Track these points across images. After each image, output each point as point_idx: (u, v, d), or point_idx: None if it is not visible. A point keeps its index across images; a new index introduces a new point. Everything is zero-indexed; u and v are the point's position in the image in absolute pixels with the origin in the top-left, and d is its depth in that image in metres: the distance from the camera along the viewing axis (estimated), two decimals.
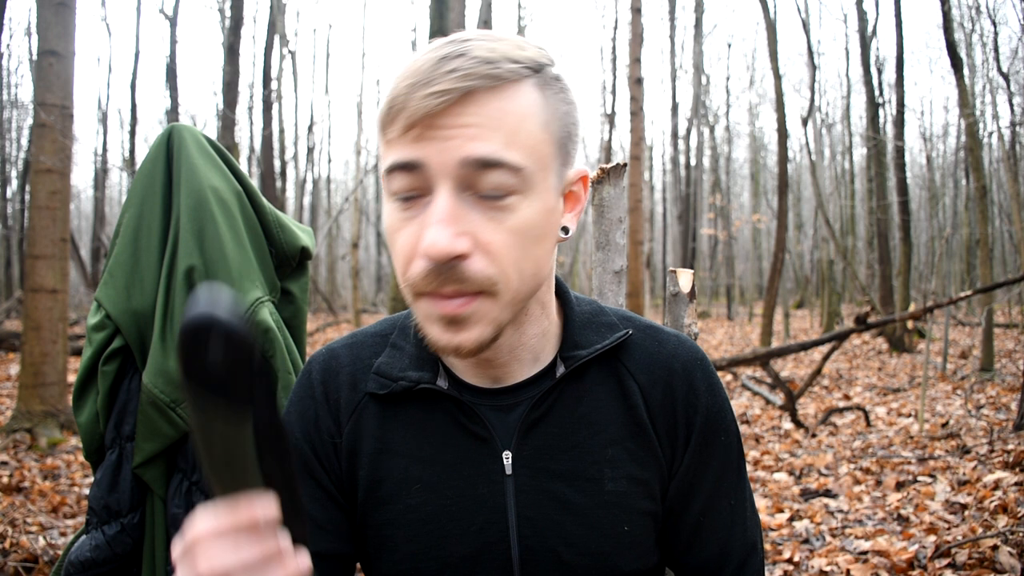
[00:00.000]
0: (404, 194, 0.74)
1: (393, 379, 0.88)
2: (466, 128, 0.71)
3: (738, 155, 36.22)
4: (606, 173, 1.46)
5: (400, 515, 0.86)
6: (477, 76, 0.71)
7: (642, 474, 0.87)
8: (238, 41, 11.94)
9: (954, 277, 25.14)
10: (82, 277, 16.41)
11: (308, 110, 39.14)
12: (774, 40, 13.08)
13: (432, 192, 0.73)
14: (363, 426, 0.90)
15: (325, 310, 21.98)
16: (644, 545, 0.88)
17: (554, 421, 0.87)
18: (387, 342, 0.94)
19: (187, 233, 1.25)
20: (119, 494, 1.23)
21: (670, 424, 0.89)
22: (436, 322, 0.75)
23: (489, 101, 0.72)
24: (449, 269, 0.72)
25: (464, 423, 0.86)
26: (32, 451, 5.15)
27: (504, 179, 0.72)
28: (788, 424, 6.68)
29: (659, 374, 0.90)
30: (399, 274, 0.77)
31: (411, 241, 0.74)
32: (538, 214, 0.76)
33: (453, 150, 0.71)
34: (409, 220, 0.75)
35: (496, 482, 0.85)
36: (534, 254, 0.77)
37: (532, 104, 0.75)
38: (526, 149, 0.74)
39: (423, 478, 0.86)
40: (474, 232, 0.72)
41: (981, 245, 11.62)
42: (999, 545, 3.06)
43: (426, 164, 0.72)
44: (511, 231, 0.74)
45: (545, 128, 0.76)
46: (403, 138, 0.72)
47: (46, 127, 5.48)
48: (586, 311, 0.93)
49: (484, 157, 0.71)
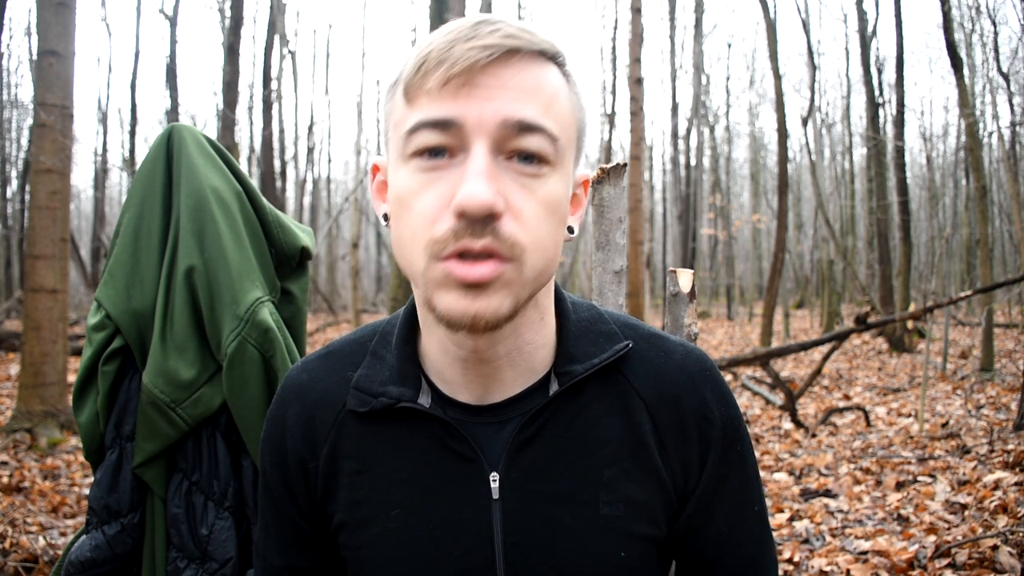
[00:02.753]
0: (431, 150, 0.70)
1: (373, 395, 0.83)
2: (506, 89, 0.69)
3: (738, 155, 36.23)
4: (606, 173, 1.46)
5: (378, 539, 0.82)
6: (519, 38, 0.70)
7: (641, 496, 0.82)
8: (238, 41, 11.94)
9: (954, 277, 25.13)
10: (82, 277, 16.41)
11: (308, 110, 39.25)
12: (774, 40, 13.08)
13: (466, 150, 0.70)
14: (342, 445, 0.85)
15: (325, 310, 21.98)
16: (643, 571, 0.83)
17: (547, 440, 0.81)
18: (366, 350, 0.88)
19: (187, 233, 1.25)
20: (119, 494, 1.23)
21: (681, 442, 0.84)
22: (454, 288, 0.69)
23: (528, 67, 0.71)
24: (483, 225, 0.68)
25: (448, 443, 0.81)
26: (32, 451, 5.15)
27: (541, 145, 0.71)
28: (788, 424, 6.68)
29: (667, 390, 0.84)
30: (415, 238, 0.71)
31: (437, 201, 0.70)
32: (563, 192, 0.75)
33: (495, 109, 0.69)
34: (434, 180, 0.70)
35: (482, 506, 0.80)
36: (554, 235, 0.74)
37: (561, 84, 0.75)
38: (559, 123, 0.73)
39: (403, 500, 0.82)
40: (507, 195, 0.70)
41: (981, 245, 11.62)
42: (999, 545, 3.06)
43: (463, 122, 0.69)
44: (540, 202, 0.71)
45: (572, 112, 0.76)
46: (440, 92, 0.69)
47: (46, 127, 5.48)
48: (584, 318, 0.87)
49: (526, 120, 0.69)
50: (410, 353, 0.85)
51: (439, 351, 0.82)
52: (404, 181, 0.73)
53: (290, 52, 20.47)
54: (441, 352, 0.82)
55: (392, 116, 0.76)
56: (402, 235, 0.73)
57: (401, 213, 0.73)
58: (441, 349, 0.81)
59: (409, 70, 0.72)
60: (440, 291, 0.70)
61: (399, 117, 0.74)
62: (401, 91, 0.74)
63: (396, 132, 0.74)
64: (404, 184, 0.72)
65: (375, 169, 0.84)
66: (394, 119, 0.75)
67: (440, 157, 0.70)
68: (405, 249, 0.73)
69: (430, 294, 0.71)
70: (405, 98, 0.73)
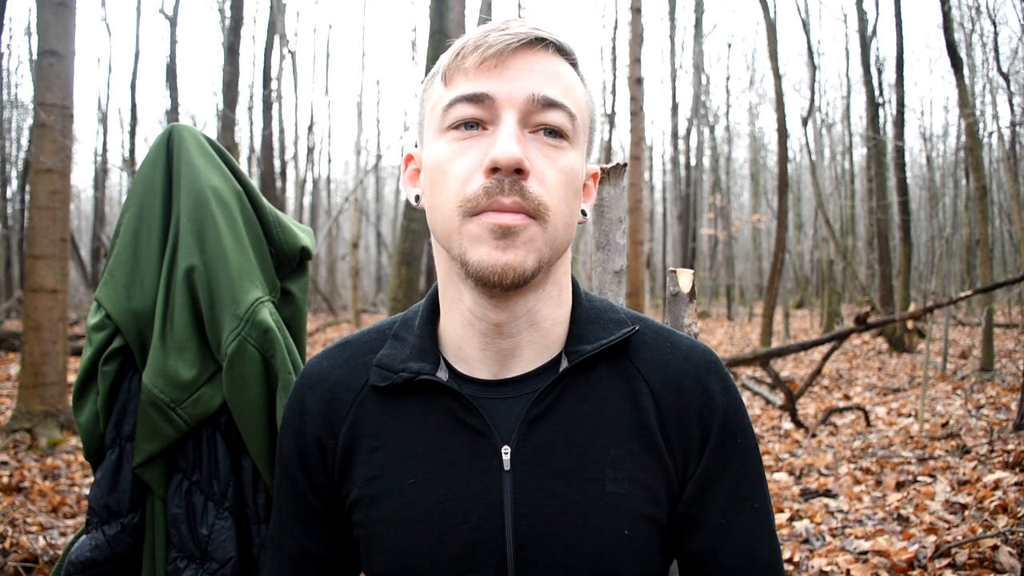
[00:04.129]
0: (465, 121, 0.80)
1: (394, 370, 0.88)
2: (533, 72, 0.81)
3: (738, 155, 36.25)
4: (606, 173, 1.46)
5: (392, 513, 0.85)
6: (546, 32, 0.83)
7: (645, 478, 0.85)
8: (238, 41, 11.94)
9: (954, 277, 25.13)
10: (82, 277, 16.41)
11: (308, 110, 39.19)
12: (774, 40, 13.08)
13: (496, 122, 0.80)
14: (361, 423, 0.89)
15: (325, 310, 21.97)
16: (646, 551, 0.85)
17: (558, 417, 0.85)
18: (386, 337, 0.94)
19: (187, 233, 1.25)
20: (119, 494, 1.23)
21: (683, 427, 0.87)
22: (487, 240, 0.78)
23: (550, 59, 0.83)
24: (512, 183, 0.77)
25: (462, 417, 0.85)
26: (32, 451, 5.15)
27: (563, 121, 0.81)
28: (788, 424, 6.68)
29: (671, 376, 0.88)
30: (449, 198, 0.80)
31: (470, 164, 0.79)
32: (579, 167, 0.84)
33: (523, 86, 0.80)
34: (467, 148, 0.80)
35: (493, 477, 0.84)
36: (572, 204, 0.83)
37: (578, 81, 0.86)
38: (577, 106, 0.84)
39: (418, 474, 0.85)
40: (532, 160, 0.79)
41: (981, 245, 11.62)
42: (999, 545, 3.05)
43: (495, 96, 0.79)
44: (561, 170, 0.81)
45: (587, 105, 0.87)
46: (476, 71, 0.80)
47: (46, 127, 5.48)
48: (596, 307, 0.93)
49: (550, 96, 0.80)
50: (431, 333, 0.91)
51: (462, 325, 0.87)
52: (441, 150, 0.82)
53: (290, 52, 20.48)
54: (463, 326, 0.87)
55: (429, 101, 0.86)
56: (436, 199, 0.82)
57: (436, 178, 0.82)
58: (464, 323, 0.87)
59: (448, 57, 0.83)
60: (474, 245, 0.78)
61: (436, 98, 0.84)
62: (440, 78, 0.84)
63: (433, 112, 0.84)
64: (440, 152, 0.82)
65: (408, 158, 0.92)
66: (431, 102, 0.85)
67: (474, 128, 0.81)
68: (440, 211, 0.82)
69: (464, 249, 0.79)
70: (443, 81, 0.83)
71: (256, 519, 1.23)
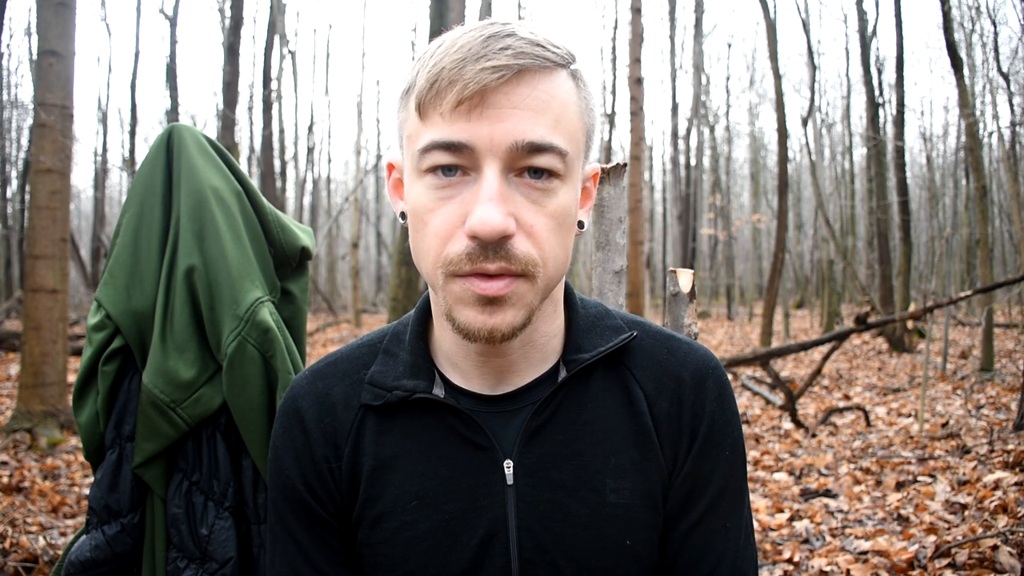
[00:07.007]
0: (443, 167, 0.73)
1: (387, 388, 0.85)
2: (516, 109, 0.71)
3: (738, 155, 36.23)
4: (606, 173, 1.46)
5: (395, 533, 0.83)
6: (529, 56, 0.72)
7: (645, 485, 0.84)
8: (238, 41, 11.93)
9: (954, 277, 25.13)
10: (82, 277, 16.41)
11: (308, 110, 39.19)
12: (774, 40, 13.08)
13: (478, 171, 0.72)
14: (363, 443, 0.86)
15: (325, 310, 21.97)
16: (648, 559, 0.84)
17: (558, 428, 0.84)
18: (377, 351, 0.90)
19: (187, 233, 1.25)
20: (119, 494, 1.23)
21: (674, 433, 0.86)
22: (472, 304, 0.73)
23: (538, 83, 0.73)
24: (496, 248, 0.71)
25: (463, 432, 0.83)
26: (32, 451, 5.15)
27: (552, 163, 0.73)
28: (788, 424, 6.67)
29: (667, 383, 0.86)
30: (431, 254, 0.74)
31: (450, 220, 0.73)
32: (572, 201, 0.77)
33: (505, 133, 0.71)
34: (447, 199, 0.73)
35: (496, 492, 0.82)
36: (566, 241, 0.77)
37: (571, 92, 0.76)
38: (568, 135, 0.75)
39: (420, 493, 0.83)
40: (518, 214, 0.72)
41: (981, 245, 11.62)
42: (999, 545, 3.05)
43: (475, 145, 0.71)
44: (551, 215, 0.74)
45: (580, 117, 0.78)
46: (452, 114, 0.71)
47: (46, 127, 5.47)
48: (591, 314, 0.90)
49: (536, 142, 0.71)
50: (423, 348, 0.87)
51: (455, 343, 0.84)
52: (419, 197, 0.75)
53: (290, 52, 20.48)
54: (456, 344, 0.84)
55: (406, 126, 0.78)
56: (419, 248, 0.77)
57: (417, 226, 0.76)
58: (457, 340, 0.84)
59: (422, 86, 0.73)
60: (459, 306, 0.74)
61: (412, 130, 0.76)
62: (414, 104, 0.75)
63: (410, 145, 0.76)
64: (419, 200, 0.75)
65: (390, 167, 0.86)
66: (407, 130, 0.77)
67: (453, 174, 0.73)
68: (423, 261, 0.77)
69: (450, 308, 0.75)
70: (418, 113, 0.74)
71: (256, 519, 1.23)
